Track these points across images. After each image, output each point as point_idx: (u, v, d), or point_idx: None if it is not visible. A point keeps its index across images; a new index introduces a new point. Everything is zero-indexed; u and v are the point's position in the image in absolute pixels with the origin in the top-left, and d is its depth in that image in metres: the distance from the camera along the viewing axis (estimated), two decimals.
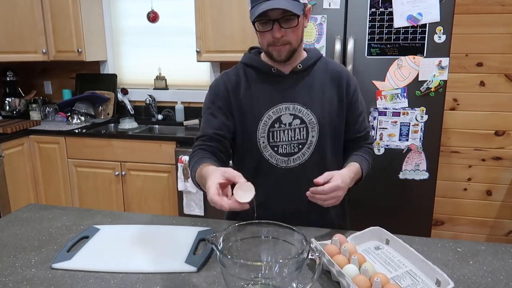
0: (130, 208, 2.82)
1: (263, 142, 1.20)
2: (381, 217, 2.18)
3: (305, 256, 0.81)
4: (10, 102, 3.22)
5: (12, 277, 0.95)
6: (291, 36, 1.13)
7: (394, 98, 2.07)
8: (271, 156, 1.21)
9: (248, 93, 1.21)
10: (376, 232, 1.11)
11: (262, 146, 1.20)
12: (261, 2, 1.07)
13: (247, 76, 1.23)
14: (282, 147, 1.20)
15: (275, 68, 1.21)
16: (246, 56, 1.27)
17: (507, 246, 1.09)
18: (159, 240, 1.13)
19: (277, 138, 1.20)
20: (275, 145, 1.20)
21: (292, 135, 1.19)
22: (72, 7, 2.89)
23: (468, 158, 2.72)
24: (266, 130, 1.19)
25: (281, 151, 1.20)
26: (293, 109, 1.19)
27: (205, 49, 2.75)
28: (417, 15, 1.97)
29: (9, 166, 2.70)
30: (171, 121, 3.18)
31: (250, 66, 1.24)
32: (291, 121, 1.19)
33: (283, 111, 1.19)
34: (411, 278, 0.92)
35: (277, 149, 1.20)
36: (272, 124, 1.19)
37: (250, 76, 1.23)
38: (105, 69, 3.33)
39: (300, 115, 1.19)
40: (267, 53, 1.17)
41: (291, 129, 1.19)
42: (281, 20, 1.09)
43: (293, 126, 1.19)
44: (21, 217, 1.30)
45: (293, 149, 1.20)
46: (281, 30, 1.10)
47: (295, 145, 1.20)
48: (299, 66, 1.21)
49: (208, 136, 1.20)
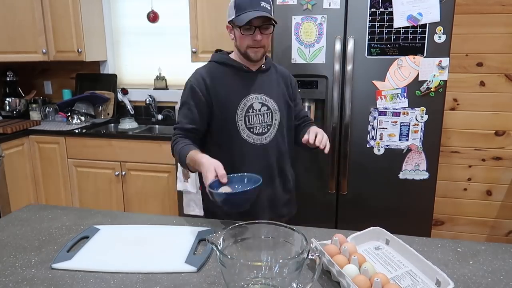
0: (130, 208, 2.82)
1: (241, 125, 1.45)
2: (381, 217, 2.18)
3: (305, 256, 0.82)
4: (10, 102, 3.23)
5: (12, 277, 0.95)
6: (266, 41, 1.42)
7: (394, 98, 2.07)
8: (248, 136, 1.47)
9: (223, 86, 1.45)
10: (376, 232, 1.11)
11: (241, 129, 1.46)
12: (248, 12, 1.34)
13: (220, 71, 1.48)
14: (256, 128, 1.48)
15: (245, 66, 1.48)
16: (218, 56, 1.53)
17: (507, 246, 1.09)
18: (159, 240, 1.13)
19: (252, 121, 1.47)
20: (250, 127, 1.47)
21: (262, 119, 1.48)
22: (72, 7, 2.89)
23: (468, 158, 2.72)
24: (243, 115, 1.45)
25: (256, 131, 1.48)
26: (261, 99, 1.48)
27: (201, 49, 2.75)
28: (417, 15, 1.97)
29: (9, 166, 2.70)
30: (171, 121, 3.18)
31: (223, 64, 1.49)
32: (260, 108, 1.48)
33: (254, 100, 1.47)
34: (411, 278, 0.92)
35: (253, 130, 1.47)
36: (247, 109, 1.46)
37: (224, 72, 1.48)
38: (105, 69, 3.33)
39: (266, 103, 1.49)
40: (245, 54, 1.44)
41: (261, 114, 1.48)
42: (261, 27, 1.37)
43: (262, 111, 1.48)
44: (21, 217, 1.30)
45: (264, 129, 1.49)
46: (261, 35, 1.38)
47: (265, 126, 1.49)
48: (263, 66, 1.51)
49: (186, 129, 1.45)
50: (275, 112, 1.51)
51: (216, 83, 1.47)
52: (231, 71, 1.49)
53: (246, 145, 1.46)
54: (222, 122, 1.46)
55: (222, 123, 1.47)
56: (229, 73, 1.49)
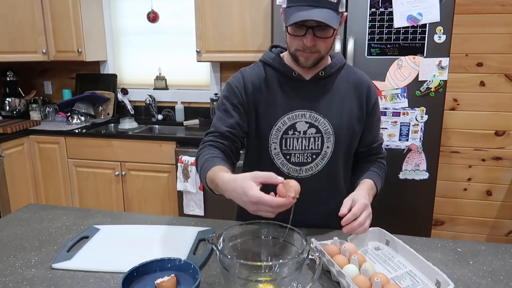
0: (130, 208, 2.82)
1: (275, 148, 1.16)
2: (381, 217, 2.17)
3: (305, 256, 0.81)
4: (10, 102, 3.22)
5: (12, 277, 0.95)
6: (321, 45, 1.08)
7: (394, 98, 2.07)
8: (282, 164, 1.17)
9: (265, 94, 1.16)
10: (376, 233, 1.11)
11: (273, 153, 1.17)
12: (301, 6, 1.01)
13: (266, 76, 1.18)
14: (295, 156, 1.16)
15: (296, 72, 1.15)
16: (267, 54, 1.21)
17: (507, 246, 1.09)
18: (159, 240, 1.13)
19: (290, 146, 1.15)
20: (287, 153, 1.16)
21: (306, 144, 1.15)
22: (72, 7, 2.89)
23: (468, 158, 2.72)
24: (279, 137, 1.15)
25: (293, 160, 1.16)
26: (310, 117, 1.14)
27: (205, 49, 2.75)
28: (417, 15, 1.97)
29: (9, 166, 2.70)
30: (171, 121, 3.18)
31: (270, 66, 1.19)
32: (306, 129, 1.15)
33: (299, 118, 1.14)
34: (411, 279, 0.92)
35: (289, 157, 1.16)
36: (285, 130, 1.15)
37: (270, 77, 1.18)
38: (105, 69, 3.33)
39: (316, 124, 1.15)
40: (293, 56, 1.12)
41: (305, 137, 1.15)
42: (315, 29, 1.03)
43: (307, 135, 1.15)
44: (21, 217, 1.30)
45: (306, 158, 1.16)
46: (314, 38, 1.05)
47: (309, 155, 1.16)
48: (321, 73, 1.16)
49: (220, 133, 1.15)
50: (327, 136, 1.15)
51: (257, 89, 1.17)
52: (278, 77, 1.17)
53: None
54: (255, 140, 1.19)
55: (255, 142, 1.19)
56: (275, 79, 1.17)
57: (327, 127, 1.15)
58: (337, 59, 1.20)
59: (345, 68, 1.21)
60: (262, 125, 1.16)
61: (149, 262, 0.91)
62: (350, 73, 1.21)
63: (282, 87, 1.16)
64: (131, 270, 0.87)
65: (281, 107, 1.15)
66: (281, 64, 1.18)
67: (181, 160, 2.52)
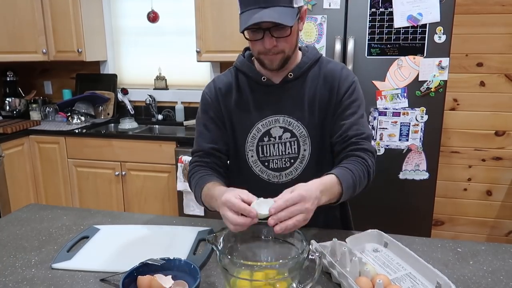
0: (130, 208, 2.82)
1: (252, 156, 1.14)
2: (381, 217, 2.18)
3: (305, 256, 0.81)
4: (10, 102, 3.22)
5: (12, 277, 0.95)
6: (283, 45, 1.03)
7: (394, 98, 2.07)
8: (261, 171, 1.15)
9: (238, 102, 1.14)
10: (375, 234, 1.10)
11: (251, 161, 1.15)
12: (251, 9, 0.97)
13: (238, 82, 1.16)
14: (273, 162, 1.13)
15: (265, 77, 1.12)
16: (239, 59, 1.19)
17: (507, 246, 1.09)
18: (159, 240, 1.13)
19: (267, 153, 1.13)
20: (265, 159, 1.13)
21: (283, 149, 1.12)
22: (72, 7, 2.89)
23: (468, 158, 2.71)
24: (255, 144, 1.13)
25: (272, 166, 1.14)
26: (283, 122, 1.11)
27: (205, 49, 2.75)
28: (417, 15, 1.97)
29: (9, 166, 2.69)
30: (171, 121, 3.18)
31: (242, 72, 1.16)
32: (281, 135, 1.12)
33: (273, 124, 1.12)
34: (411, 281, 0.91)
35: (268, 164, 1.14)
36: (261, 137, 1.12)
37: (242, 83, 1.15)
38: (105, 69, 3.33)
39: (290, 128, 1.11)
40: (259, 60, 1.09)
41: (281, 143, 1.12)
42: (272, 29, 0.99)
43: (283, 139, 1.12)
44: (21, 217, 1.30)
45: (284, 163, 1.13)
46: (273, 39, 1.01)
47: (287, 160, 1.13)
48: (290, 75, 1.11)
49: (204, 152, 1.16)
50: (303, 140, 1.12)
51: (229, 97, 1.15)
52: (248, 83, 1.14)
53: (260, 182, 1.14)
54: (232, 149, 1.17)
55: (232, 150, 1.18)
56: (246, 85, 1.14)
57: (301, 130, 1.12)
58: (308, 57, 1.13)
59: (318, 64, 1.14)
60: (237, 133, 1.15)
61: (149, 262, 0.90)
62: (324, 66, 1.13)
63: (253, 93, 1.14)
64: (131, 270, 0.87)
65: (254, 114, 1.13)
66: (251, 70, 1.14)
67: (181, 160, 2.52)
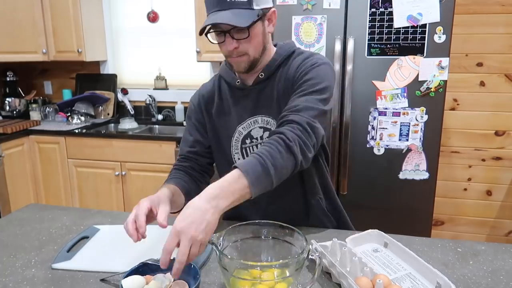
0: (130, 208, 2.81)
1: (238, 158, 1.15)
2: (381, 217, 2.18)
3: (305, 256, 0.81)
4: (10, 102, 3.22)
5: (12, 277, 0.95)
6: (246, 47, 1.02)
7: (394, 98, 2.07)
8: None
9: (219, 109, 1.17)
10: (375, 235, 1.10)
11: None
12: (212, 13, 0.98)
13: (220, 89, 1.18)
14: None
15: (239, 80, 1.14)
16: (222, 66, 1.19)
17: (507, 246, 1.09)
18: (159, 240, 1.13)
19: None
20: None
21: None
22: (72, 7, 2.89)
23: (468, 158, 2.71)
24: (239, 147, 1.15)
25: None
26: (262, 122, 1.12)
27: (205, 49, 2.75)
28: (417, 15, 1.97)
29: (9, 166, 2.69)
30: (171, 121, 3.18)
31: (223, 78, 1.18)
32: (261, 135, 1.12)
33: (253, 125, 1.13)
34: (411, 281, 0.91)
35: None
36: (243, 140, 1.14)
37: (223, 89, 1.18)
38: (105, 69, 3.33)
39: (269, 127, 1.11)
40: (229, 64, 1.11)
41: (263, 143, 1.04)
42: (232, 31, 0.99)
43: (264, 139, 1.11)
44: (21, 217, 1.30)
45: None
46: (233, 41, 1.01)
47: None
48: (261, 75, 1.11)
49: (183, 156, 1.22)
50: None
51: (211, 103, 1.19)
52: (229, 89, 1.17)
53: None
54: (219, 153, 1.20)
55: (219, 155, 1.20)
56: (226, 90, 1.17)
57: None
58: (279, 53, 1.12)
59: (291, 58, 1.11)
60: (222, 138, 1.18)
61: (149, 262, 0.90)
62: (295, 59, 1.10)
63: (232, 97, 1.16)
64: (131, 270, 0.87)
65: (234, 117, 1.15)
66: (228, 74, 1.16)
67: None
